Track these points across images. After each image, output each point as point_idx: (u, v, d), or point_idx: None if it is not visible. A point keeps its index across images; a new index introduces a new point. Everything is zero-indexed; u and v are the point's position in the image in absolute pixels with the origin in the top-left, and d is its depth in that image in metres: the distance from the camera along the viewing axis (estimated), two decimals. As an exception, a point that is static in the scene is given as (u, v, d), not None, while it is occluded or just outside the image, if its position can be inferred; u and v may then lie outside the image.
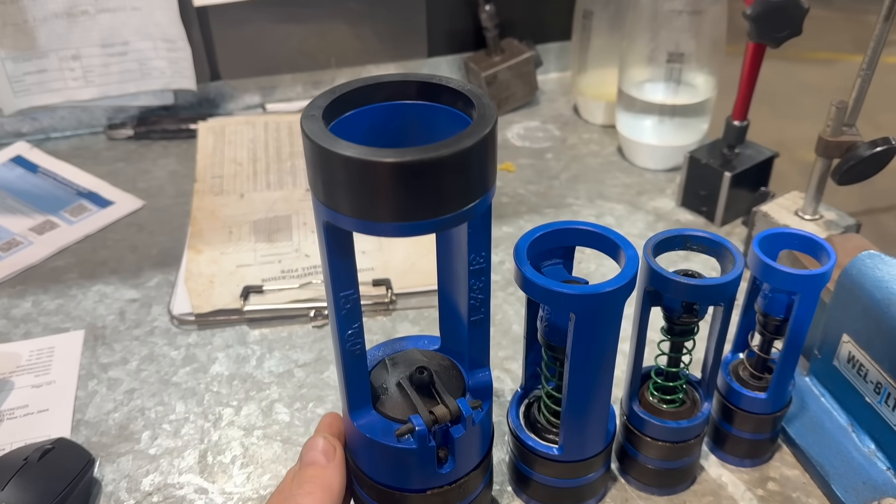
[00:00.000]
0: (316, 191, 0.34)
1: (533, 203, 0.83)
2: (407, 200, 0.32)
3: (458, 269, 0.41)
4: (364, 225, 0.33)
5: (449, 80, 0.36)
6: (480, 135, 0.32)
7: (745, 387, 0.51)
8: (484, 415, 0.42)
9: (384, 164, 0.31)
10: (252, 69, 0.99)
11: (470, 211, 0.34)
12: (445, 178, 0.32)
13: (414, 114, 0.37)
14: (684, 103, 0.83)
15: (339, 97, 0.35)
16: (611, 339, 0.43)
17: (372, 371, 0.44)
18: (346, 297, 0.38)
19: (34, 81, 0.91)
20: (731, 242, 0.45)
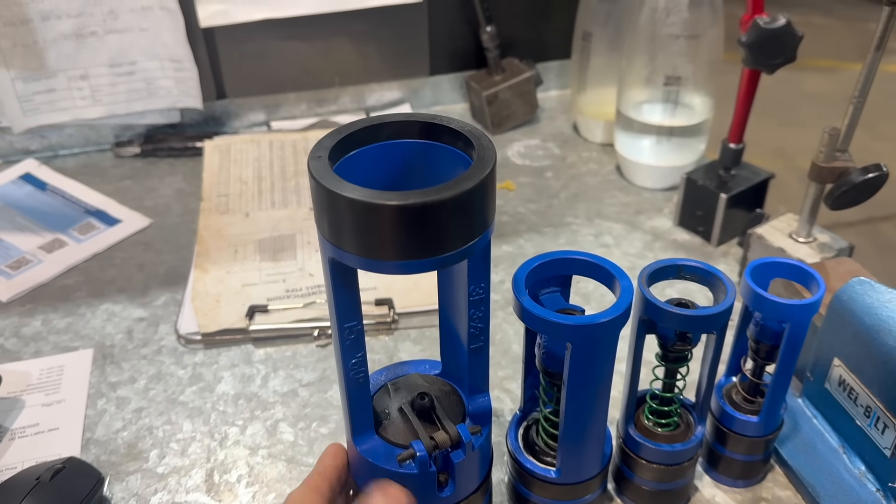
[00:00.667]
0: (322, 229, 0.36)
1: (533, 222, 0.84)
2: (409, 240, 0.34)
3: (459, 300, 0.43)
4: (368, 263, 0.35)
5: (450, 120, 0.38)
6: (480, 177, 0.34)
7: (737, 410, 0.53)
8: (483, 440, 0.44)
9: (387, 207, 0.32)
10: (257, 88, 1.01)
11: (470, 248, 0.36)
12: (447, 219, 0.34)
13: (416, 152, 0.39)
14: (682, 125, 0.85)
15: (344, 137, 0.37)
16: (606, 366, 0.44)
17: (374, 396, 0.46)
18: (351, 329, 0.39)
19: (43, 101, 0.93)
20: (723, 273, 0.47)
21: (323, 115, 1.04)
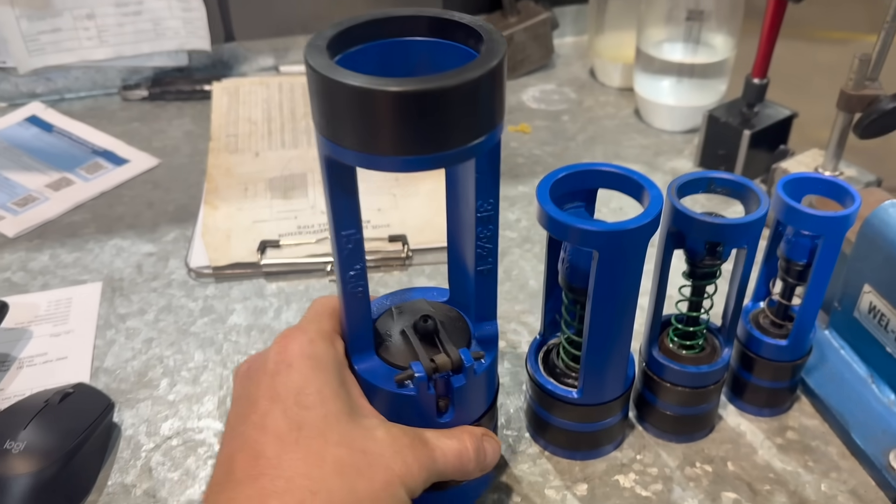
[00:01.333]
0: (318, 124, 0.33)
1: (549, 163, 0.82)
2: (410, 133, 0.31)
3: (466, 217, 0.40)
4: (366, 159, 0.32)
5: (460, 15, 0.35)
6: (487, 67, 0.32)
7: (765, 334, 0.51)
8: (487, 366, 0.42)
9: (387, 93, 0.30)
10: (266, 31, 0.99)
11: (476, 147, 0.33)
12: (450, 109, 0.31)
13: (423, 51, 0.37)
14: (703, 62, 0.83)
15: (346, 30, 0.34)
16: (633, 278, 0.43)
17: (378, 319, 0.44)
18: (349, 237, 0.37)
19: (49, 40, 0.91)
20: (756, 184, 0.45)
21: (333, 60, 1.02)
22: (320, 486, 0.34)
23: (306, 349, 0.39)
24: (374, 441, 0.37)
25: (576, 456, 0.51)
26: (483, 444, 0.42)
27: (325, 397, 0.38)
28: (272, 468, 0.35)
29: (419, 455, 0.38)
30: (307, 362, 0.39)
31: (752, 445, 0.52)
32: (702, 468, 0.51)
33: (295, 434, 0.36)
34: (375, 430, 0.38)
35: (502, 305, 0.64)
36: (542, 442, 0.52)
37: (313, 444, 0.36)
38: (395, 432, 0.39)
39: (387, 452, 0.37)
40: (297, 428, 0.36)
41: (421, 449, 0.39)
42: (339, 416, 0.37)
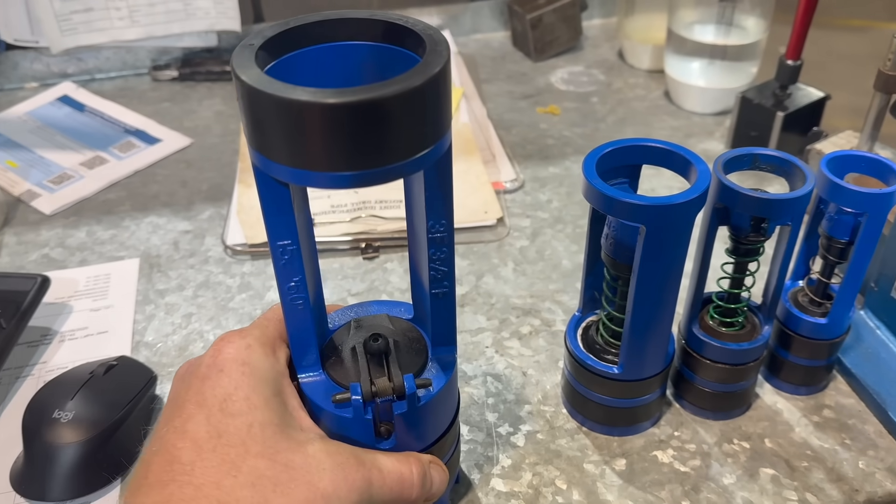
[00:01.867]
0: (246, 134, 0.31)
1: (579, 145, 0.83)
2: (341, 148, 0.29)
3: (420, 237, 0.38)
4: (296, 174, 0.30)
5: (405, 18, 0.33)
6: (427, 75, 0.29)
7: (804, 312, 0.51)
8: (434, 394, 0.39)
9: (314, 105, 0.28)
10: (294, 11, 0.98)
11: (417, 162, 0.31)
12: (384, 122, 0.29)
13: (366, 56, 0.34)
14: (735, 44, 0.82)
15: (284, 31, 0.32)
16: (679, 254, 0.43)
17: (337, 331, 0.42)
18: (284, 248, 0.35)
19: (81, 20, 0.92)
20: (801, 161, 0.45)
21: (361, 42, 1.02)
22: (229, 496, 0.33)
23: (241, 354, 0.37)
24: (303, 455, 0.35)
25: (613, 432, 0.51)
26: (430, 471, 0.40)
27: (253, 405, 0.35)
28: (184, 474, 0.33)
29: (351, 475, 0.36)
30: (240, 368, 0.36)
31: (789, 423, 0.53)
32: (739, 445, 0.51)
33: (213, 441, 0.34)
34: (307, 445, 0.36)
35: (536, 285, 0.64)
36: (580, 417, 0.52)
37: (231, 453, 0.34)
38: (331, 449, 0.36)
39: (314, 469, 0.35)
40: (216, 435, 0.34)
41: (355, 469, 0.36)
42: (266, 427, 0.35)
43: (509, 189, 0.76)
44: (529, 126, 0.86)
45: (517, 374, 0.56)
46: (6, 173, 0.80)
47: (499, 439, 0.51)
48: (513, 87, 0.94)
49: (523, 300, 0.63)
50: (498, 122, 0.86)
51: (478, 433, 0.52)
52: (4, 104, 0.92)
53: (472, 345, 0.59)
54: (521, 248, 0.69)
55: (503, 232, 0.70)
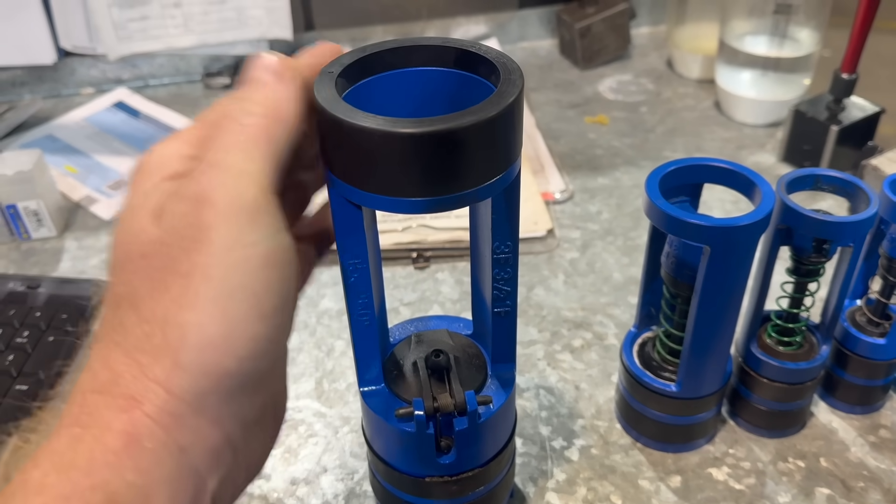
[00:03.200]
0: (322, 157, 0.32)
1: (629, 155, 0.83)
2: (415, 175, 0.30)
3: (485, 256, 0.38)
4: (371, 199, 0.31)
5: (479, 46, 0.33)
6: (502, 106, 0.30)
7: (862, 332, 0.51)
8: (494, 411, 0.40)
9: (392, 135, 0.28)
10: (345, 20, 1.00)
11: (489, 188, 0.31)
12: (460, 151, 0.29)
13: (440, 81, 0.35)
14: (788, 56, 0.82)
15: (363, 58, 0.33)
16: (742, 275, 0.43)
17: (397, 345, 0.43)
18: (354, 266, 0.36)
19: (137, 28, 0.94)
20: (864, 182, 0.45)
21: (409, 49, 1.03)
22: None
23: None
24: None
25: (668, 448, 0.52)
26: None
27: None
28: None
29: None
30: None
31: (845, 442, 0.52)
32: (794, 463, 0.51)
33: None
34: None
35: (587, 297, 0.65)
36: (635, 433, 0.52)
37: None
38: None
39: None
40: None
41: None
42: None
43: (559, 200, 0.76)
44: (578, 136, 0.86)
45: (570, 388, 0.57)
46: (66, 178, 0.82)
47: (553, 453, 0.52)
48: (560, 95, 0.94)
49: (574, 313, 0.63)
50: (546, 132, 0.86)
51: (531, 446, 0.52)
52: (62, 110, 0.94)
53: (525, 357, 0.59)
54: (572, 260, 0.69)
55: (553, 243, 0.71)
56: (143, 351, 0.26)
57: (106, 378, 0.26)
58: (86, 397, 0.26)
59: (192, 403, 0.26)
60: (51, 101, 0.97)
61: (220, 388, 0.27)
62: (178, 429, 0.26)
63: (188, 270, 0.26)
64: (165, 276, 0.26)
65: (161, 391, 0.26)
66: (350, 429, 0.54)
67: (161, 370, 0.26)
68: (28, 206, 0.72)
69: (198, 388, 0.26)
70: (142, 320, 0.26)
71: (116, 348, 0.27)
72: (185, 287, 0.26)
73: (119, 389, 0.26)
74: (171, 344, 0.26)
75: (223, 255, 0.26)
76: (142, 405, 0.26)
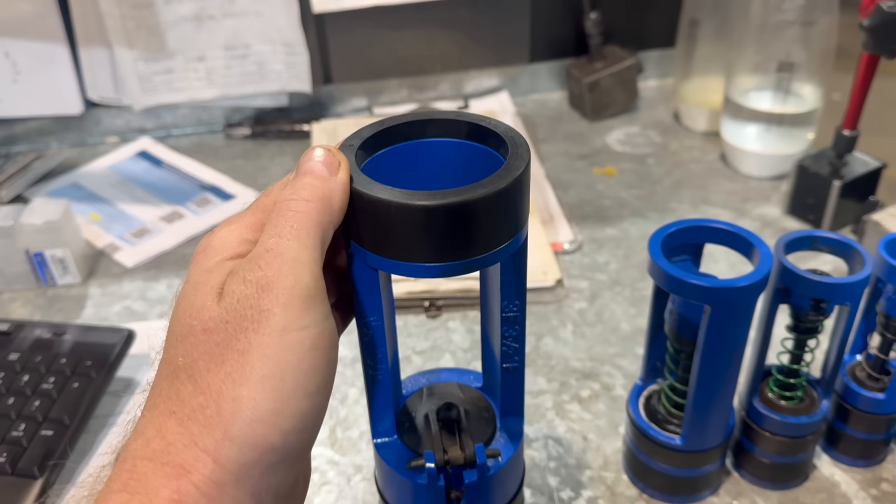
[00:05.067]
0: (342, 225, 0.34)
1: (636, 207, 0.85)
2: (431, 243, 0.32)
3: (494, 314, 0.40)
4: (388, 264, 0.33)
5: (489, 121, 0.36)
6: (510, 178, 0.32)
7: (862, 387, 0.53)
8: (503, 464, 0.41)
9: (409, 207, 0.31)
10: (361, 73, 1.04)
11: (498, 254, 0.34)
12: (473, 221, 0.32)
13: (452, 152, 0.37)
14: (792, 112, 0.84)
15: (376, 133, 0.36)
16: (742, 333, 0.45)
17: (410, 397, 0.45)
18: (371, 324, 0.37)
19: (161, 81, 0.97)
20: (860, 244, 0.47)
21: (422, 101, 1.07)
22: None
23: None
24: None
25: (674, 500, 0.53)
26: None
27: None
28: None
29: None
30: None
31: (847, 495, 0.53)
32: (798, 516, 0.52)
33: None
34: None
35: (595, 348, 0.66)
36: (641, 485, 0.54)
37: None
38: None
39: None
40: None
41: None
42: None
43: (567, 250, 0.78)
44: (587, 187, 0.88)
45: (578, 439, 0.58)
46: (90, 226, 0.85)
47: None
48: (570, 147, 0.97)
49: (583, 363, 0.65)
50: (556, 183, 0.89)
51: (540, 497, 0.54)
52: (88, 158, 0.98)
53: (533, 407, 0.61)
54: (580, 311, 0.71)
55: (562, 293, 0.73)
56: (196, 421, 0.28)
57: (158, 446, 0.28)
58: (136, 463, 0.28)
59: (236, 475, 0.28)
60: (77, 149, 1.00)
61: (262, 461, 0.29)
62: (220, 499, 0.28)
63: (245, 348, 0.29)
64: (223, 352, 0.29)
65: (209, 461, 0.28)
66: (362, 477, 0.56)
67: (211, 440, 0.28)
68: (55, 254, 0.75)
69: (243, 459, 0.28)
70: (198, 391, 0.29)
71: (171, 417, 0.29)
72: (241, 363, 0.29)
73: (169, 457, 0.28)
74: (224, 416, 0.28)
75: (278, 337, 0.29)
76: (190, 474, 0.28)
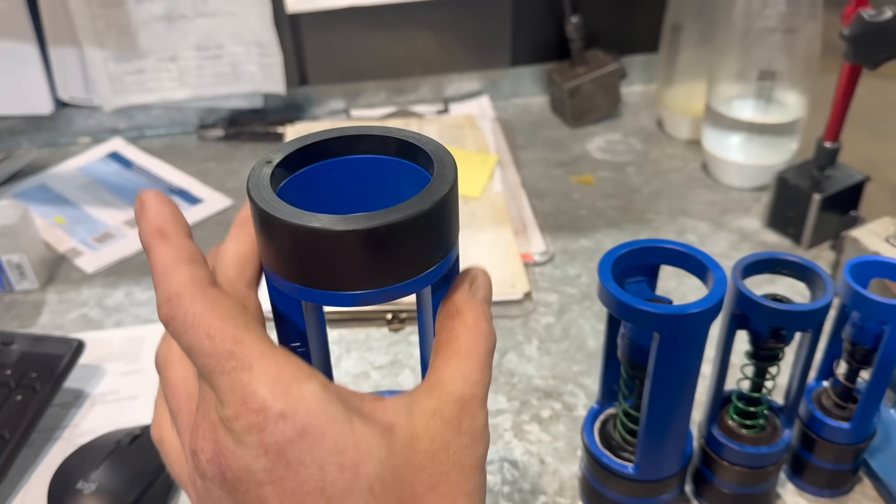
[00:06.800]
0: (258, 247, 0.32)
1: (612, 217, 0.82)
2: (351, 269, 0.30)
3: (429, 339, 0.37)
4: (305, 292, 0.31)
5: (412, 135, 0.34)
6: (434, 199, 0.29)
7: (827, 416, 0.50)
8: None
9: (321, 232, 0.28)
10: (338, 75, 1.01)
11: (424, 278, 0.31)
12: (394, 245, 0.29)
13: (376, 169, 0.35)
14: (774, 122, 0.82)
15: (299, 150, 0.33)
16: (694, 360, 0.42)
17: None
18: (294, 350, 0.35)
19: (133, 81, 0.95)
20: (822, 268, 0.44)
21: (401, 104, 1.04)
22: None
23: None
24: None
25: (629, 529, 0.51)
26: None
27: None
28: None
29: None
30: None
31: (812, 527, 0.51)
32: (758, 549, 0.50)
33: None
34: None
35: (559, 365, 0.64)
36: (596, 512, 0.51)
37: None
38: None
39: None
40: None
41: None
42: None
43: (538, 262, 0.76)
44: (563, 195, 0.86)
45: (535, 462, 0.56)
46: (54, 230, 0.83)
47: (511, 531, 0.51)
48: (549, 153, 0.94)
49: (546, 381, 0.63)
50: (532, 191, 0.87)
51: (491, 523, 0.52)
52: (58, 159, 0.96)
53: (491, 427, 0.59)
54: (547, 326, 0.68)
55: (530, 307, 0.70)
56: None
57: None
58: None
59: None
60: (48, 150, 0.98)
61: None
62: None
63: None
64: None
65: None
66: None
67: None
68: (11, 260, 0.73)
69: None
70: None
71: None
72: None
73: None
74: None
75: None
76: None
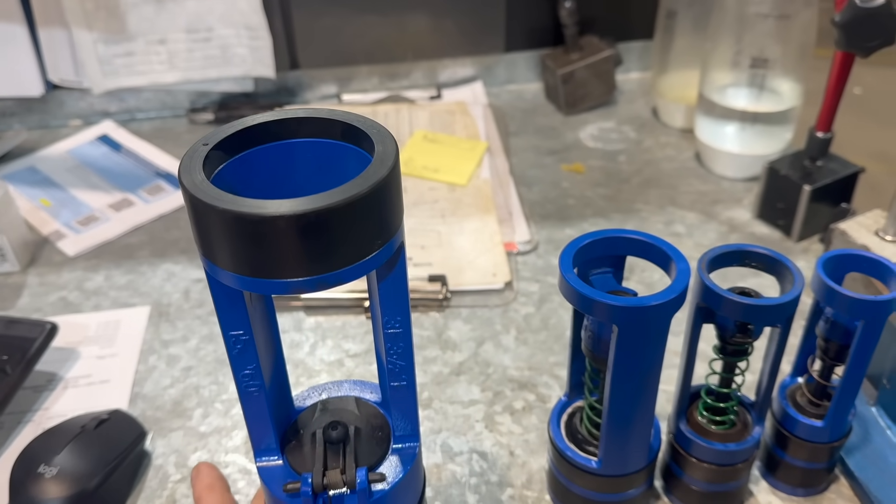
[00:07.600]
0: (195, 239, 0.31)
1: (599, 206, 0.81)
2: (286, 256, 0.29)
3: (379, 330, 0.37)
4: (243, 281, 0.30)
5: (351, 116, 0.33)
6: (372, 182, 0.29)
7: (801, 413, 0.49)
8: (389, 491, 0.38)
9: (254, 217, 0.28)
10: (330, 59, 1.00)
11: (364, 265, 0.30)
12: (330, 230, 0.29)
13: (317, 152, 0.34)
14: (767, 111, 0.80)
15: (239, 132, 0.32)
16: (655, 354, 0.41)
17: (302, 412, 0.41)
18: (237, 338, 0.35)
19: (122, 64, 0.95)
20: (792, 262, 0.43)
21: (394, 89, 1.03)
22: None
23: None
24: None
25: (595, 524, 0.50)
26: None
27: None
28: None
29: None
30: None
31: (784, 526, 0.50)
32: (727, 547, 0.49)
33: None
34: None
35: (536, 356, 0.63)
36: (562, 507, 0.51)
37: None
38: None
39: None
40: None
41: None
42: None
43: (521, 251, 0.75)
44: (551, 184, 0.85)
45: (504, 454, 0.55)
46: (38, 212, 0.82)
47: (476, 524, 0.50)
48: (540, 141, 0.93)
49: (521, 372, 0.62)
50: (520, 179, 0.85)
51: (455, 515, 0.51)
52: (49, 141, 0.95)
53: (463, 418, 0.58)
54: (526, 316, 0.67)
55: (510, 296, 0.69)
56: None
57: None
58: None
59: None
60: (38, 132, 0.98)
61: None
62: None
63: None
64: None
65: None
66: (273, 488, 0.53)
67: None
68: (-9, 242, 0.73)
69: None
70: None
71: None
72: None
73: None
74: None
75: None
76: None
